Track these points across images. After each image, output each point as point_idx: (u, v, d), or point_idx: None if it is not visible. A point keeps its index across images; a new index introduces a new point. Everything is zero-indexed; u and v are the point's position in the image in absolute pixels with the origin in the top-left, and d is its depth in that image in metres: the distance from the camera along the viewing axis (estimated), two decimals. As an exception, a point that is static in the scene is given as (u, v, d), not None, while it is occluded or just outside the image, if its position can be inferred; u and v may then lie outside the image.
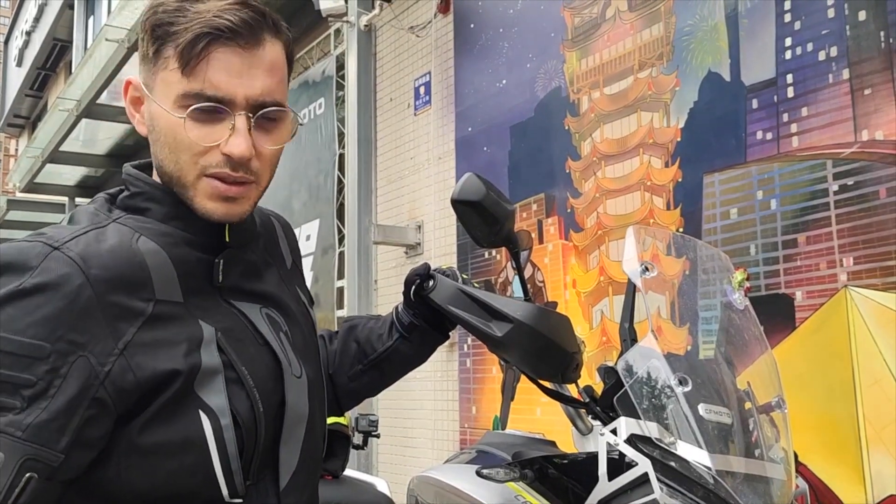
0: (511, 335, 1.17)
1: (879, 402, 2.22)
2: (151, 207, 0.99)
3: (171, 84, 0.94)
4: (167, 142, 0.96)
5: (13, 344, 0.82)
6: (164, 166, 0.97)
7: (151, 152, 1.00)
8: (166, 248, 0.95)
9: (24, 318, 0.83)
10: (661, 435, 1.17)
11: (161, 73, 0.95)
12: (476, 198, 1.24)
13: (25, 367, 0.82)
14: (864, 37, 2.36)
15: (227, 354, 0.95)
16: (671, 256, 1.47)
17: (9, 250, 0.87)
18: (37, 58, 12.80)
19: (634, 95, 3.14)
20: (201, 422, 0.92)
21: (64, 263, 0.86)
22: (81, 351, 0.84)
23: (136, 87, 1.00)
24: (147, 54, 0.96)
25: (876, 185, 2.29)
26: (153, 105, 0.96)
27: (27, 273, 0.84)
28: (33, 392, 0.82)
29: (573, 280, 3.38)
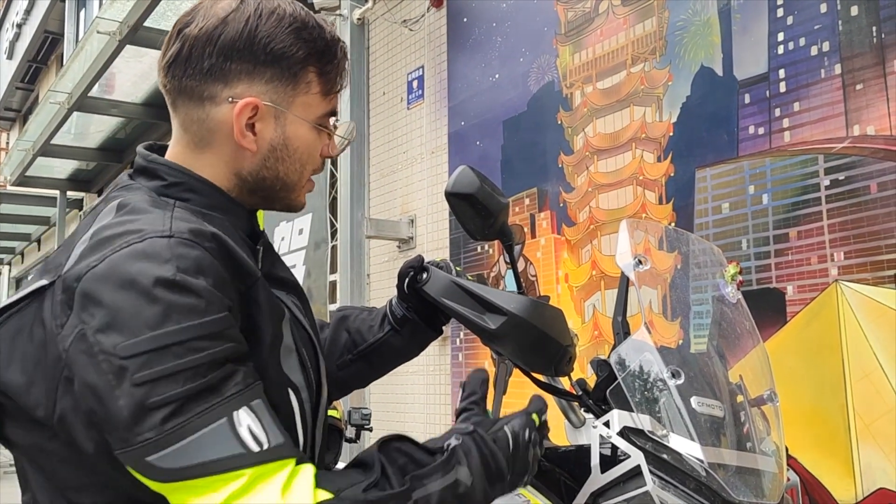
0: (505, 328, 1.17)
1: (869, 395, 2.24)
2: (192, 198, 1.02)
3: (312, 106, 1.07)
4: (300, 158, 1.07)
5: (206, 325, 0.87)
6: (284, 178, 1.07)
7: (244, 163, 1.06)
8: (225, 232, 0.99)
9: (200, 300, 0.87)
10: (653, 427, 1.17)
11: (302, 96, 1.06)
12: (470, 190, 1.24)
13: (224, 338, 0.88)
14: (856, 32, 2.37)
15: (294, 337, 1.03)
16: (664, 250, 1.48)
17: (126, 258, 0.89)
18: (28, 50, 12.71)
19: (627, 90, 3.15)
20: (290, 397, 0.99)
21: (189, 245, 0.91)
22: (232, 312, 0.91)
23: (260, 108, 1.04)
24: (283, 73, 1.04)
25: (867, 181, 2.30)
26: (290, 125, 1.06)
27: (168, 264, 0.88)
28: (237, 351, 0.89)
29: (566, 274, 3.39)
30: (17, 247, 15.67)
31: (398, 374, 4.70)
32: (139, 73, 7.19)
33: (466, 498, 0.98)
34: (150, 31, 6.17)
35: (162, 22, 6.14)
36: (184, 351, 0.85)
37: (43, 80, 13.69)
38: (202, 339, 0.86)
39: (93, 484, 0.93)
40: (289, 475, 0.86)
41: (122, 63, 6.79)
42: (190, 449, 0.83)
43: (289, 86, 1.04)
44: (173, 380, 0.84)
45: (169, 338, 0.84)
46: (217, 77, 1.03)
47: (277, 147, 1.05)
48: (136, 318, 0.85)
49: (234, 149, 1.05)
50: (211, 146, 1.05)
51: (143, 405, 0.83)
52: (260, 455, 0.85)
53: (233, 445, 0.84)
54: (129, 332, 0.84)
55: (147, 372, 0.83)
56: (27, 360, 0.92)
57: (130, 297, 0.86)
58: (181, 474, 0.83)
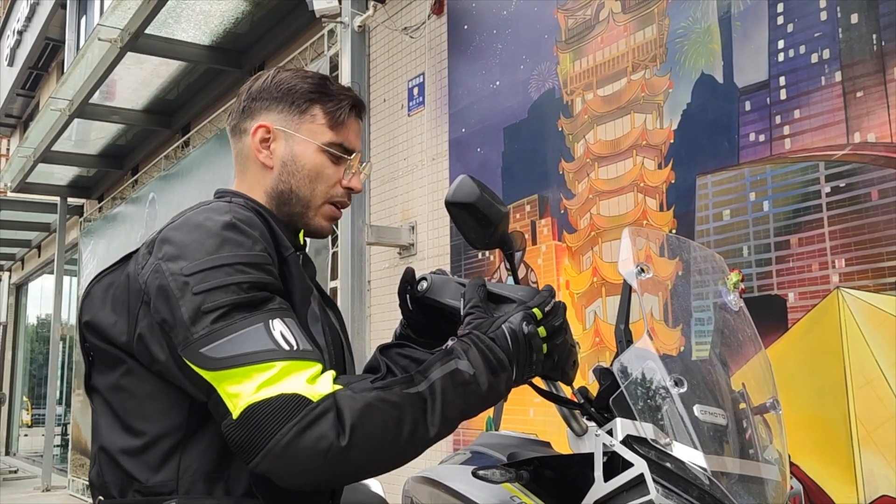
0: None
1: (871, 402, 2.23)
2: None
3: (318, 133, 1.33)
4: (308, 174, 1.32)
5: (252, 257, 1.12)
6: (297, 191, 1.33)
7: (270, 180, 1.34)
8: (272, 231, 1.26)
9: (247, 240, 1.14)
10: (656, 436, 1.17)
11: (308, 124, 1.33)
12: (470, 199, 1.25)
13: (266, 272, 1.13)
14: (857, 39, 2.37)
15: (320, 312, 1.25)
16: (665, 258, 1.48)
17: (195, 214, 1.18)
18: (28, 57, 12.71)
19: (628, 97, 3.15)
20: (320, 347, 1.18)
21: (243, 209, 1.21)
22: (269, 263, 1.15)
23: (271, 130, 1.34)
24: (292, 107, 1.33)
25: (868, 188, 2.31)
26: (297, 145, 1.33)
27: (226, 215, 1.16)
28: (274, 284, 1.13)
29: (566, 281, 3.39)
30: (17, 253, 15.66)
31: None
32: (140, 80, 7.20)
33: (471, 386, 1.10)
34: (151, 39, 6.18)
35: (163, 29, 6.15)
36: (233, 271, 1.09)
37: (44, 86, 13.70)
38: (248, 265, 1.10)
39: (154, 412, 1.15)
40: (314, 373, 1.05)
41: (123, 70, 6.80)
42: (233, 343, 1.04)
43: (295, 114, 1.33)
44: (224, 290, 1.07)
45: (222, 260, 1.09)
46: (247, 114, 1.36)
47: (287, 162, 1.32)
48: (199, 248, 1.11)
49: (260, 169, 1.34)
50: (247, 171, 1.36)
51: (200, 309, 1.06)
52: (290, 353, 1.05)
53: (267, 342, 1.04)
54: (192, 257, 1.10)
55: (203, 285, 1.07)
56: (116, 302, 1.18)
57: (195, 234, 1.13)
58: (225, 363, 1.03)
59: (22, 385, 16.36)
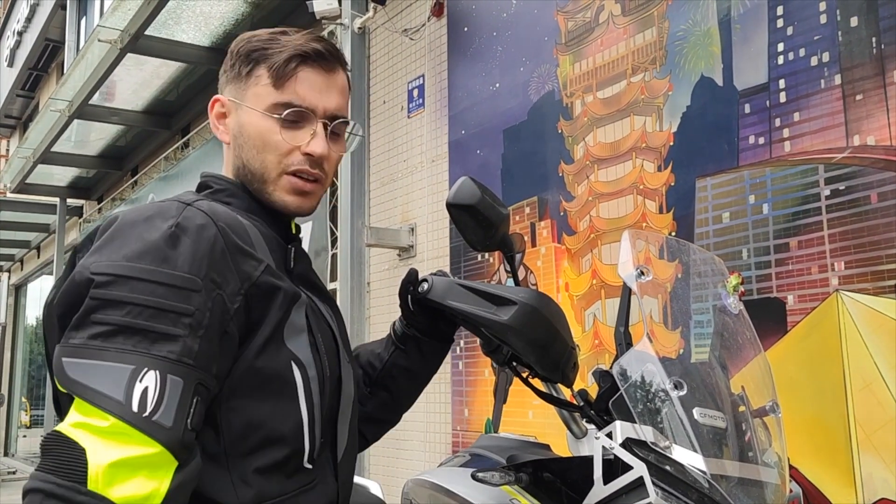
0: (517, 317, 1.16)
1: (870, 405, 2.23)
2: (233, 202, 1.16)
3: (262, 96, 1.16)
4: (255, 144, 1.16)
5: (174, 278, 0.94)
6: (248, 165, 1.17)
7: (232, 157, 1.20)
8: (257, 226, 1.12)
9: (179, 256, 0.96)
10: (656, 439, 1.17)
11: (253, 88, 1.17)
12: (471, 202, 1.25)
13: (184, 298, 0.94)
14: (856, 43, 2.38)
15: (310, 321, 1.10)
16: (665, 260, 1.48)
17: (147, 208, 1.02)
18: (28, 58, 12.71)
19: (627, 99, 3.16)
20: (293, 371, 1.05)
21: (200, 215, 1.02)
22: (219, 289, 0.98)
23: (224, 103, 1.21)
24: (239, 74, 1.18)
25: (867, 191, 2.31)
26: (244, 114, 1.17)
27: (171, 219, 0.99)
28: (192, 321, 0.94)
29: (566, 283, 3.39)
30: (16, 254, 15.66)
31: (398, 382, 4.64)
32: (140, 82, 7.20)
33: None
34: (151, 40, 6.18)
35: (163, 30, 6.15)
36: (142, 287, 0.92)
37: (43, 87, 13.71)
38: (163, 286, 0.93)
39: None
40: (142, 457, 0.85)
41: (123, 71, 6.80)
42: (91, 370, 0.88)
43: (242, 80, 1.18)
44: (119, 308, 0.91)
45: (136, 272, 0.93)
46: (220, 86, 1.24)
47: (237, 134, 1.19)
48: (120, 249, 0.96)
49: (225, 146, 1.22)
50: (224, 151, 1.23)
51: (88, 316, 0.92)
52: (130, 415, 0.86)
53: (117, 391, 0.87)
54: (109, 256, 0.96)
55: (104, 291, 0.92)
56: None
57: (124, 233, 0.98)
58: (71, 386, 0.89)
59: (21, 386, 16.35)
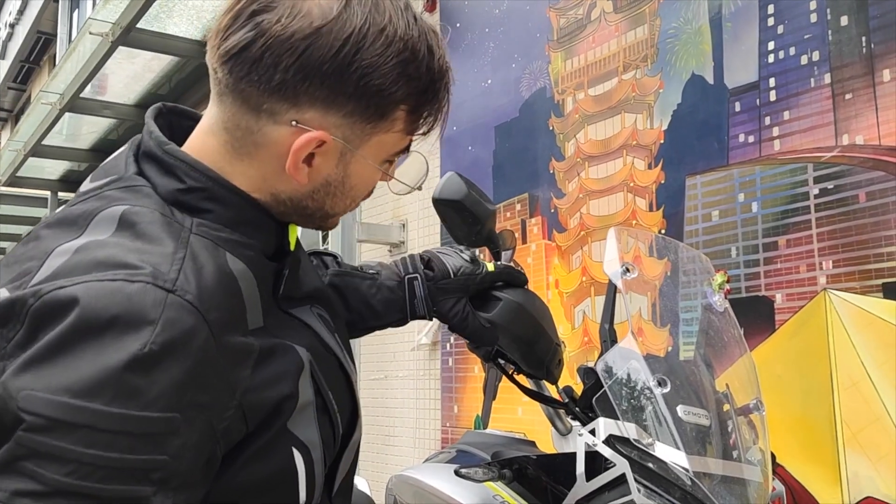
0: (501, 314, 1.16)
1: (857, 404, 2.24)
2: (213, 209, 0.84)
3: (386, 145, 0.89)
4: (353, 195, 0.93)
5: (142, 423, 0.66)
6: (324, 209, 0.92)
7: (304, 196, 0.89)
8: (250, 265, 0.82)
9: (152, 388, 0.67)
10: (639, 436, 1.17)
11: (380, 134, 0.88)
12: (457, 197, 1.25)
13: (156, 446, 0.67)
14: (846, 42, 2.38)
15: (317, 379, 0.87)
16: (653, 258, 1.48)
17: (112, 297, 0.69)
18: (20, 50, 12.68)
19: (618, 97, 3.15)
20: (294, 460, 0.83)
21: (187, 312, 0.71)
22: (206, 413, 0.71)
23: (328, 145, 0.85)
24: (367, 110, 0.85)
25: (856, 190, 2.31)
26: (355, 164, 0.88)
27: (147, 329, 0.68)
28: (164, 474, 0.68)
29: (556, 280, 3.39)
30: (6, 247, 15.59)
31: (387, 378, 4.68)
32: (132, 75, 7.17)
33: None
34: (143, 33, 6.15)
35: (155, 24, 6.12)
36: (94, 439, 0.64)
37: (35, 80, 13.66)
38: (125, 435, 0.65)
39: None
40: None
41: (115, 64, 6.76)
42: None
43: (369, 124, 0.86)
44: (60, 464, 0.63)
45: (86, 417, 0.64)
46: (287, 95, 0.82)
47: (333, 183, 0.89)
48: (65, 374, 0.65)
49: (279, 171, 0.86)
50: (251, 158, 0.86)
51: (16, 463, 0.63)
52: None
53: None
54: (45, 384, 0.65)
55: (39, 438, 0.63)
56: None
57: (77, 344, 0.66)
58: None
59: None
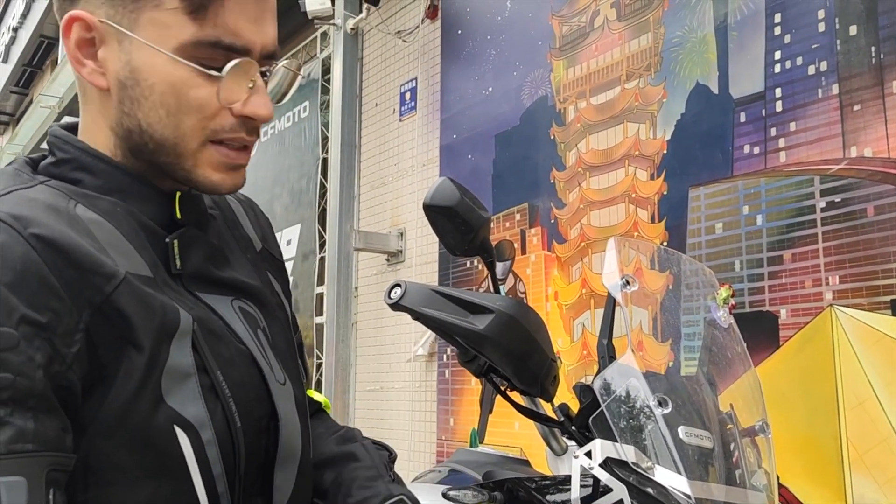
0: (493, 326, 1.09)
1: (863, 424, 2.17)
2: (83, 178, 0.79)
3: (169, 28, 0.75)
4: (163, 101, 0.77)
5: None
6: (150, 131, 0.78)
7: (111, 112, 0.80)
8: (113, 220, 0.75)
9: None
10: (638, 459, 1.11)
11: (149, 12, 0.75)
12: (449, 203, 1.18)
13: (5, 367, 0.62)
14: (855, 52, 2.32)
15: (202, 354, 0.76)
16: (654, 270, 1.42)
17: None
18: (23, 54, 12.65)
19: (621, 106, 3.10)
20: (178, 439, 0.73)
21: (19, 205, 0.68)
22: (44, 332, 0.65)
23: (92, 26, 0.76)
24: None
25: (864, 203, 2.25)
26: (138, 52, 0.76)
27: None
28: (13, 392, 0.62)
29: (555, 292, 3.33)
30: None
31: (383, 390, 4.62)
32: (131, 79, 7.14)
33: None
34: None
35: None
36: None
37: (37, 84, 13.63)
38: None
39: None
40: None
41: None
42: None
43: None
44: None
45: None
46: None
47: (126, 82, 0.77)
48: None
49: (97, 93, 0.80)
50: (85, 98, 0.82)
51: None
52: None
53: None
54: None
55: None
56: None
57: None
58: None
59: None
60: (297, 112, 5.49)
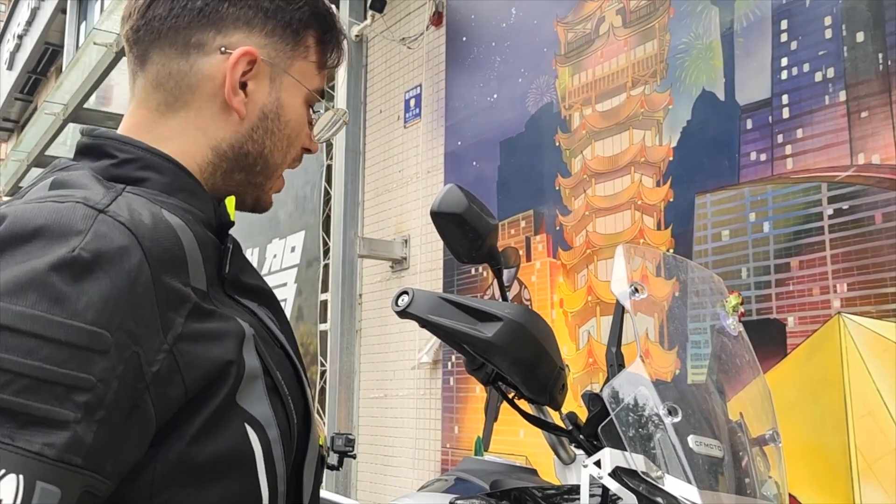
0: (501, 334, 1.08)
1: (872, 433, 2.16)
2: (150, 177, 0.81)
3: (307, 76, 0.91)
4: (289, 133, 0.90)
5: (68, 332, 0.61)
6: (265, 155, 0.89)
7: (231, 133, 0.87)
8: (189, 225, 0.77)
9: (80, 297, 0.62)
10: (647, 468, 1.09)
11: (300, 61, 0.90)
12: (457, 210, 1.18)
13: (82, 363, 0.61)
14: (862, 59, 2.31)
15: (263, 358, 0.79)
16: (662, 277, 1.41)
17: (37, 211, 0.67)
18: (28, 61, 12.70)
19: (627, 113, 3.09)
20: (248, 437, 0.75)
21: (119, 231, 0.67)
22: (135, 345, 0.65)
23: (258, 62, 0.86)
24: (286, 29, 0.88)
25: (871, 210, 2.24)
26: (287, 92, 0.89)
27: (76, 238, 0.64)
28: (90, 398, 0.61)
29: (560, 299, 3.31)
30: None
31: (388, 397, 4.61)
32: (136, 86, 7.14)
33: None
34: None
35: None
36: (15, 343, 0.60)
37: (42, 91, 13.67)
38: (51, 343, 0.61)
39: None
40: None
41: (119, 75, 6.74)
42: None
43: (289, 45, 0.89)
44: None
45: (7, 317, 0.60)
46: (210, 21, 0.85)
47: (269, 115, 0.88)
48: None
49: (217, 113, 0.86)
50: (187, 107, 0.86)
51: None
52: None
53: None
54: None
55: None
56: None
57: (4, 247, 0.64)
58: None
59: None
60: (301, 119, 5.50)
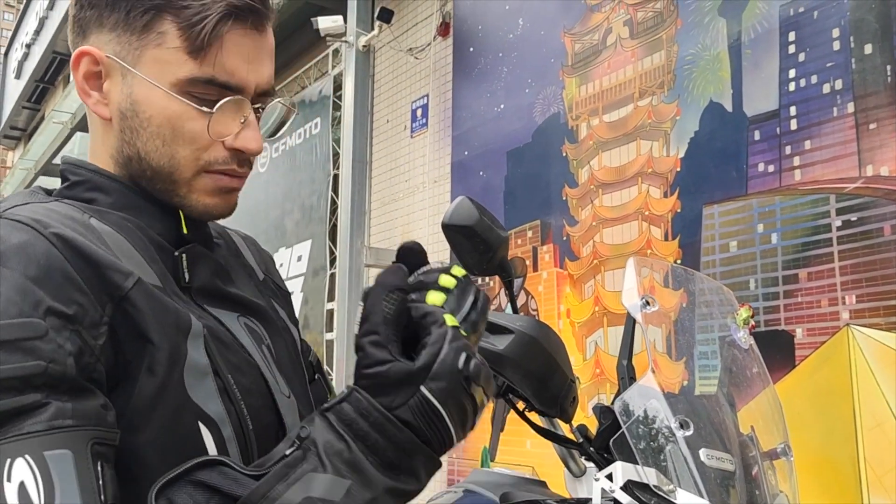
0: (513, 347, 1.09)
1: (881, 445, 2.15)
2: (97, 197, 0.84)
3: (168, 64, 0.81)
4: (160, 132, 0.82)
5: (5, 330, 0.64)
6: (147, 159, 0.83)
7: (113, 141, 0.85)
8: (124, 232, 0.79)
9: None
10: (659, 482, 1.09)
11: (152, 49, 0.81)
12: (468, 223, 1.17)
13: (25, 353, 0.64)
14: (870, 70, 2.31)
15: (213, 358, 0.78)
16: (670, 289, 1.40)
17: None
18: (35, 70, 12.76)
19: (634, 123, 3.09)
20: (201, 434, 0.75)
21: (16, 228, 0.71)
22: (71, 324, 0.68)
23: (100, 60, 0.83)
24: (129, 19, 0.81)
25: (880, 222, 2.24)
26: (139, 87, 0.82)
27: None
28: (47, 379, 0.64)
29: (567, 310, 3.31)
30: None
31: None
32: (144, 95, 7.18)
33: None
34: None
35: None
36: None
37: (50, 100, 13.73)
38: None
39: None
40: None
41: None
42: None
43: (135, 34, 0.82)
44: None
45: None
46: (80, 28, 0.85)
47: (126, 113, 0.83)
48: None
49: (100, 123, 0.86)
50: (92, 127, 0.88)
51: None
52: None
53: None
54: None
55: None
56: None
57: None
58: None
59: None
60: (308, 128, 5.51)
